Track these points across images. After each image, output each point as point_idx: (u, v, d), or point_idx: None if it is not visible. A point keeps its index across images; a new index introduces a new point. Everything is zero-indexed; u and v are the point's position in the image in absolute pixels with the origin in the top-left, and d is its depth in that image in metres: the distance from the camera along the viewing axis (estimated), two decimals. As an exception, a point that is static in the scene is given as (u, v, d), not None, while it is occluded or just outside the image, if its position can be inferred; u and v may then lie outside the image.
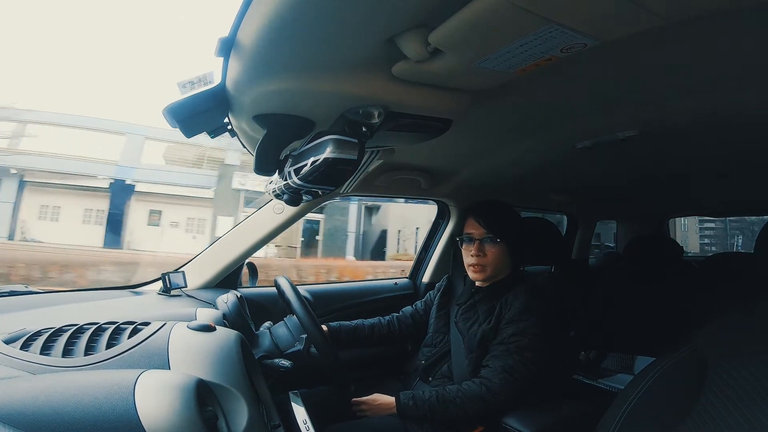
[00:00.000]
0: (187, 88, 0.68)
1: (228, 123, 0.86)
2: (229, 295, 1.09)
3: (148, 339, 0.64)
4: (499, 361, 1.05)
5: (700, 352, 0.67)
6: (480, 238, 1.14)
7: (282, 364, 0.96)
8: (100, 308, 1.05)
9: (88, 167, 10.87)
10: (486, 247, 1.14)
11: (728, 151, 1.11)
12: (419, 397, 1.05)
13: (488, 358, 1.08)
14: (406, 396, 1.06)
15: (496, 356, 1.06)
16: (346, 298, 1.63)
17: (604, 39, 0.55)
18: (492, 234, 1.13)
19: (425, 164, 1.37)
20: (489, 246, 1.13)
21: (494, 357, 1.07)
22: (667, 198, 1.91)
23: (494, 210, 1.18)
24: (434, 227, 1.88)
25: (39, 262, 6.83)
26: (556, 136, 1.03)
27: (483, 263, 1.14)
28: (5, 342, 0.61)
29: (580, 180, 1.60)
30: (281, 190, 0.89)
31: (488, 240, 1.13)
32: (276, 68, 0.64)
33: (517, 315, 1.08)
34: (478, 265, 1.14)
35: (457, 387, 1.05)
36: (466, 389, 1.04)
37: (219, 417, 0.57)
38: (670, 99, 0.80)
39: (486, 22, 0.51)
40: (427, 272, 1.84)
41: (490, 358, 1.08)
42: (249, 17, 0.54)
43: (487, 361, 1.08)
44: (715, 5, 0.51)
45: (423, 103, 0.77)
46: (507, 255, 1.15)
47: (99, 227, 11.10)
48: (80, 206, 11.23)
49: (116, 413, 0.48)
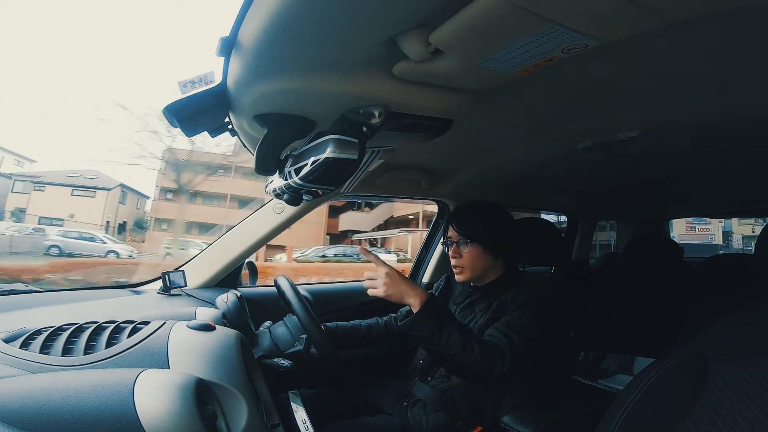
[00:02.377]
0: (187, 87, 0.68)
1: (228, 122, 0.86)
2: (229, 294, 1.10)
3: (147, 338, 0.64)
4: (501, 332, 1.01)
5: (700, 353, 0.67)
6: (456, 240, 1.18)
7: (282, 363, 0.96)
8: (100, 307, 1.05)
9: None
10: (461, 249, 1.17)
11: (729, 151, 1.11)
12: (448, 310, 1.00)
13: (490, 330, 1.05)
14: (434, 297, 0.96)
15: (498, 328, 1.03)
16: (346, 297, 1.63)
17: (606, 39, 0.55)
18: (463, 236, 1.17)
19: (426, 164, 1.37)
20: (463, 248, 1.17)
21: (496, 329, 1.04)
22: (667, 198, 1.91)
23: (468, 212, 1.21)
24: (434, 227, 1.88)
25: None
26: (557, 136, 1.03)
27: (461, 264, 1.17)
28: (5, 341, 0.62)
29: (581, 180, 1.60)
30: (281, 190, 0.89)
31: (462, 242, 1.17)
32: (277, 68, 0.64)
33: (519, 307, 1.08)
34: (457, 266, 1.18)
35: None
36: (484, 341, 0.98)
37: (218, 416, 0.57)
38: (671, 99, 0.80)
39: (487, 23, 0.51)
40: (426, 272, 1.84)
41: (491, 329, 1.04)
42: (250, 17, 0.54)
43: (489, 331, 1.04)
44: (716, 5, 0.51)
45: (424, 103, 0.77)
46: (484, 255, 1.16)
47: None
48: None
49: (115, 412, 0.48)
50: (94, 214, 20.39)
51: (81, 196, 21.27)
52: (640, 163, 1.29)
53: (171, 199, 21.03)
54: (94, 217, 20.03)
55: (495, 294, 1.16)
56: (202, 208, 20.36)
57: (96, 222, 19.76)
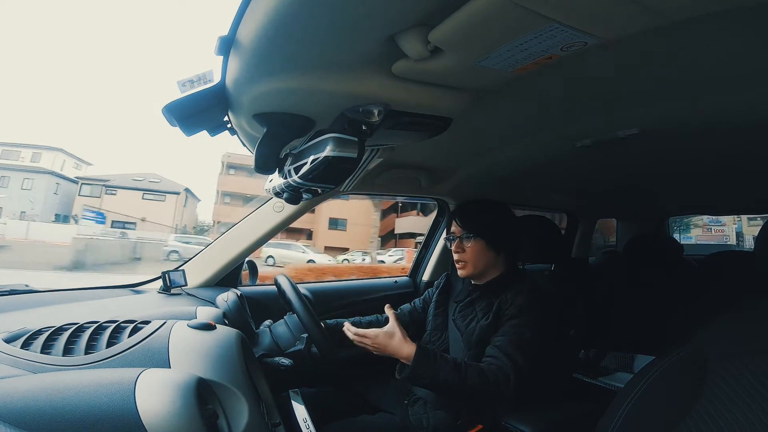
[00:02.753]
0: (186, 86, 0.68)
1: (228, 121, 0.86)
2: (230, 293, 1.10)
3: (148, 338, 0.64)
4: (503, 351, 1.02)
5: (701, 351, 0.67)
6: (459, 235, 1.20)
7: (282, 362, 0.96)
8: (101, 307, 1.05)
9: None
10: (464, 244, 1.19)
11: (729, 149, 1.11)
12: (441, 355, 0.98)
13: (490, 348, 1.06)
14: (427, 349, 0.98)
15: (499, 346, 1.04)
16: (346, 296, 1.63)
17: (605, 37, 0.55)
18: (466, 231, 1.18)
19: (425, 163, 1.37)
20: (466, 242, 1.19)
21: (497, 347, 1.04)
22: (667, 196, 1.91)
23: (471, 209, 1.23)
24: (434, 225, 1.88)
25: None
26: (557, 134, 1.03)
27: (464, 259, 1.19)
28: (6, 341, 0.62)
29: (580, 178, 1.60)
30: (281, 189, 0.89)
31: (465, 237, 1.19)
32: (276, 67, 0.64)
33: (518, 311, 1.08)
34: (460, 261, 1.20)
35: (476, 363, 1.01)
36: (485, 367, 0.99)
37: (219, 415, 0.57)
38: (670, 97, 0.80)
39: (486, 21, 0.51)
40: (427, 270, 1.85)
41: (491, 348, 1.05)
42: (248, 16, 0.54)
43: (489, 350, 1.05)
44: (716, 5, 0.50)
45: (423, 102, 0.77)
46: (486, 250, 1.18)
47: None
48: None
49: (117, 412, 0.48)
50: (165, 217, 20.97)
51: (151, 200, 22.02)
52: (640, 162, 1.28)
53: (228, 203, 21.67)
54: (165, 220, 20.57)
55: (495, 293, 1.16)
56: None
57: (167, 225, 20.17)
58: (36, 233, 15.94)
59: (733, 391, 0.58)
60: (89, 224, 16.52)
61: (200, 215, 26.87)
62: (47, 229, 16.72)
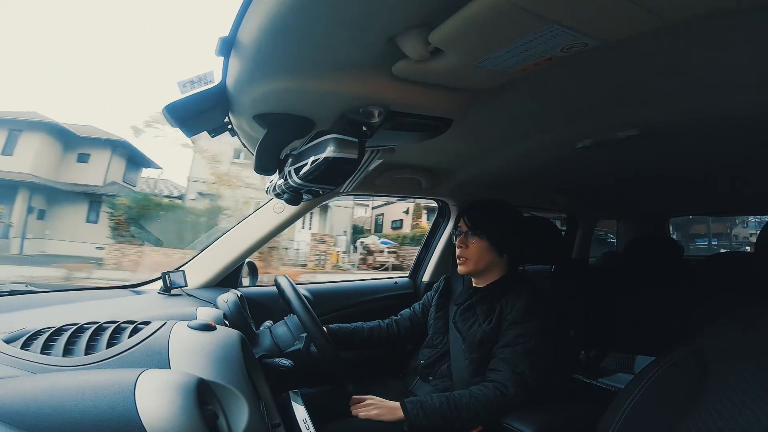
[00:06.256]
0: (187, 87, 0.68)
1: (228, 122, 0.86)
2: (230, 294, 1.09)
3: (148, 338, 0.64)
4: (509, 364, 1.05)
5: (701, 352, 0.67)
6: (465, 231, 1.22)
7: (282, 363, 0.96)
8: (101, 307, 1.05)
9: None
10: (468, 240, 1.21)
11: (729, 150, 1.11)
12: (428, 405, 1.01)
13: (496, 362, 1.08)
14: (414, 405, 1.02)
15: (504, 359, 1.06)
16: (346, 297, 1.63)
17: (605, 39, 0.55)
18: (472, 228, 1.21)
19: (426, 164, 1.37)
20: (470, 239, 1.21)
21: (502, 360, 1.06)
22: (667, 197, 1.91)
23: (480, 208, 1.25)
24: (434, 226, 1.88)
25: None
26: (557, 135, 1.03)
27: (466, 255, 1.21)
28: (5, 341, 0.61)
29: (581, 179, 1.59)
30: (281, 190, 0.90)
31: (470, 234, 1.21)
32: (276, 68, 0.64)
33: (520, 316, 1.09)
34: (461, 257, 1.21)
35: (468, 392, 1.03)
36: (479, 394, 1.02)
37: (219, 416, 0.57)
38: (671, 98, 0.80)
39: (486, 22, 0.51)
40: (427, 271, 1.84)
41: (497, 361, 1.07)
42: (249, 17, 0.54)
43: (494, 364, 1.07)
44: (715, 5, 0.50)
45: (423, 103, 0.77)
46: (489, 250, 1.19)
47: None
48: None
49: (117, 412, 0.48)
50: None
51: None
52: (640, 162, 1.28)
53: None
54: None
55: (496, 296, 1.16)
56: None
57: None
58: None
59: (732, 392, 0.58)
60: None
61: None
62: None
